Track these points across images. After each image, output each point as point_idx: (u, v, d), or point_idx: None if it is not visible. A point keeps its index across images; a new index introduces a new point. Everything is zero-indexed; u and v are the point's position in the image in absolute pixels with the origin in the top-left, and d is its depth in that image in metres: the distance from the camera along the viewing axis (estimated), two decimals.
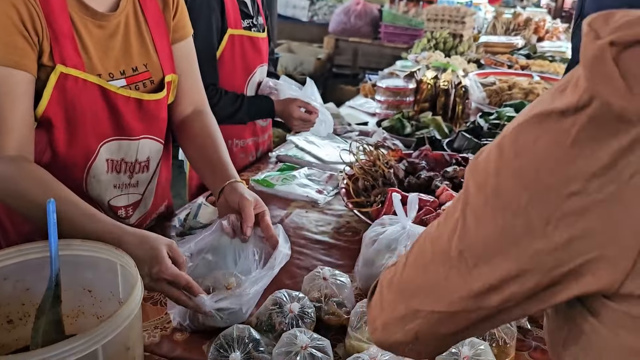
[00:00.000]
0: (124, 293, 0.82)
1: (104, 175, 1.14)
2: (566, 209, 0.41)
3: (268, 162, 1.85)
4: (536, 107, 0.44)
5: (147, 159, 1.21)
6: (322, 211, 1.49)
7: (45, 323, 0.77)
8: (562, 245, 0.42)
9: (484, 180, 0.47)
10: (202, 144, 1.23)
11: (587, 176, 0.40)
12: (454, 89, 2.27)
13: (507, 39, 4.20)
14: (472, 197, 0.48)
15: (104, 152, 1.12)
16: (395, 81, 2.40)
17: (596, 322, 0.45)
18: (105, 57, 1.08)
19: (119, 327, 0.66)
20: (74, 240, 0.83)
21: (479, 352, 0.82)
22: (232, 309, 0.93)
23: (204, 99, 1.33)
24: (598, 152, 0.39)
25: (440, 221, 0.54)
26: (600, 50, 0.39)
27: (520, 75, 3.02)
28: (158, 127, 1.21)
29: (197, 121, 1.28)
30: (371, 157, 1.52)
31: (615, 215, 0.40)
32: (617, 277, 0.41)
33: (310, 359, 0.83)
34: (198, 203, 1.38)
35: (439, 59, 3.34)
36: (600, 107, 0.39)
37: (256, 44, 1.72)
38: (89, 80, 1.04)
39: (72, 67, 1.01)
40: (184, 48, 1.25)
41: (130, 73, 1.12)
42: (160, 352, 0.93)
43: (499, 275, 0.47)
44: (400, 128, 2.03)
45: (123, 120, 1.12)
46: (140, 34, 1.14)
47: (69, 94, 1.02)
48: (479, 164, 0.49)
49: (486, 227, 0.47)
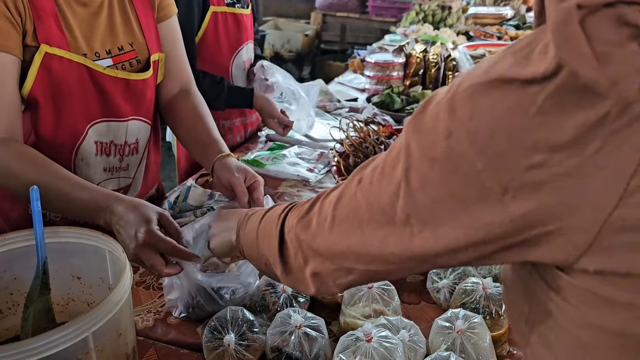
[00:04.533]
0: (113, 279, 0.81)
1: (93, 157, 1.13)
2: (526, 179, 0.39)
3: (258, 141, 1.83)
4: (495, 69, 0.40)
5: (136, 141, 1.20)
6: (314, 189, 1.48)
7: (35, 312, 0.76)
8: (519, 217, 0.40)
9: (432, 141, 0.43)
10: (192, 123, 1.23)
11: (550, 148, 0.37)
12: (443, 62, 2.24)
13: (496, 10, 4.15)
14: (417, 160, 0.45)
15: (93, 134, 1.11)
16: (384, 56, 2.37)
17: (558, 299, 0.44)
18: (91, 36, 1.06)
19: (109, 314, 0.65)
20: (61, 227, 0.81)
21: (473, 324, 0.82)
22: (236, 290, 0.93)
23: (191, 78, 1.31)
24: (564, 124, 0.37)
25: (375, 177, 0.50)
26: (566, 13, 0.36)
27: None
28: (145, 107, 1.19)
29: (185, 101, 1.26)
30: (361, 133, 1.50)
31: (576, 190, 0.38)
32: (573, 253, 0.40)
33: (305, 338, 0.83)
34: (187, 185, 1.37)
35: (428, 32, 3.30)
36: (568, 77, 0.36)
37: (240, 21, 1.68)
38: (74, 60, 1.02)
39: (56, 46, 0.99)
40: (169, 27, 1.23)
41: (116, 52, 1.10)
42: (154, 336, 0.93)
43: (445, 243, 0.44)
44: (391, 103, 2.01)
45: (111, 101, 1.10)
46: (125, 12, 1.12)
47: (55, 74, 1.01)
48: (423, 123, 0.45)
49: (434, 192, 0.44)
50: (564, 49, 0.36)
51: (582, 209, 0.38)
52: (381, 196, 0.48)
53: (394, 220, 0.47)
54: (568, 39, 0.36)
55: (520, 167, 0.39)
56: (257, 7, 1.91)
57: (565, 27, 0.36)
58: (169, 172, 3.44)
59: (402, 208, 0.46)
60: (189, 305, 0.94)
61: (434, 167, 0.43)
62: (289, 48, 5.51)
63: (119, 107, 1.12)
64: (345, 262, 0.54)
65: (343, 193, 0.54)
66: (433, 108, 0.44)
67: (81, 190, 0.92)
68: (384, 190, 0.48)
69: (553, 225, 0.39)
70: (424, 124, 0.45)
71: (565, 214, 0.39)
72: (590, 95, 0.36)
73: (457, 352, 0.80)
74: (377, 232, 0.49)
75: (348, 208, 0.53)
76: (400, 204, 0.46)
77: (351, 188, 0.53)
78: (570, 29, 0.35)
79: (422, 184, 0.44)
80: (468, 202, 0.42)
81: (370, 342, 0.76)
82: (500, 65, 0.40)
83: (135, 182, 1.26)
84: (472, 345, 0.80)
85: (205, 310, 0.94)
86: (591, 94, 0.36)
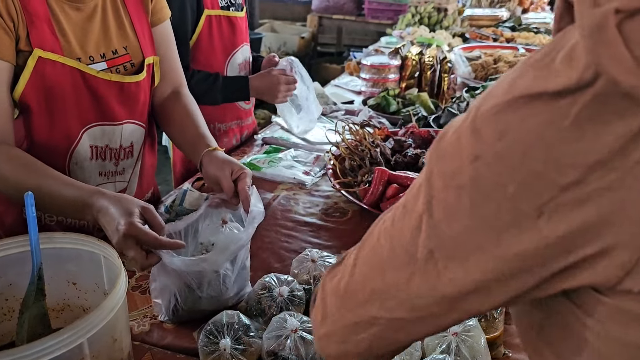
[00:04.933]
0: (109, 284, 0.81)
1: (87, 162, 1.13)
2: (562, 199, 0.36)
3: (254, 144, 1.83)
4: (517, 86, 0.38)
5: (130, 144, 1.21)
6: (310, 193, 1.49)
7: (30, 318, 0.76)
8: (555, 241, 0.37)
9: (456, 168, 0.40)
10: (182, 123, 1.24)
11: (588, 163, 0.35)
12: (439, 64, 2.25)
13: (492, 12, 4.17)
14: (440, 190, 0.42)
15: (87, 138, 1.11)
16: (380, 58, 2.38)
17: (582, 314, 0.41)
18: (85, 40, 1.07)
19: (104, 319, 0.65)
20: (56, 233, 0.81)
21: (468, 327, 0.82)
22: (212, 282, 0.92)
23: (183, 80, 1.33)
24: (602, 136, 0.34)
25: (397, 216, 0.47)
26: (602, 18, 0.33)
27: (506, 48, 3.00)
28: (139, 110, 1.20)
29: (176, 102, 1.28)
30: (357, 136, 1.51)
31: (617, 205, 0.35)
32: (617, 273, 0.37)
33: (301, 341, 0.83)
34: (184, 189, 1.36)
35: (424, 34, 3.31)
36: (606, 85, 0.33)
37: (235, 24, 1.69)
38: (68, 64, 1.03)
39: (49, 50, 1.00)
40: (162, 31, 1.25)
41: (110, 56, 1.11)
42: (150, 341, 0.93)
43: (474, 278, 0.41)
44: (386, 106, 2.02)
45: (105, 105, 1.11)
46: (118, 16, 1.13)
47: (48, 78, 1.01)
48: (443, 150, 0.42)
49: (461, 222, 0.40)
50: (600, 55, 0.34)
51: (624, 224, 0.36)
52: (402, 233, 0.45)
53: (416, 256, 0.44)
54: (605, 45, 0.33)
55: (556, 187, 0.36)
56: (254, 9, 1.92)
57: (601, 32, 0.33)
58: (165, 176, 3.43)
59: (424, 243, 0.43)
60: (169, 301, 0.93)
61: (461, 196, 0.40)
62: (285, 50, 5.51)
63: (113, 111, 1.13)
64: (367, 311, 0.49)
65: (366, 238, 0.51)
66: (452, 134, 0.42)
67: (68, 188, 0.93)
68: (406, 226, 0.45)
69: (594, 246, 0.37)
70: (445, 152, 0.42)
71: (606, 232, 0.36)
72: (630, 103, 0.33)
73: (453, 355, 0.80)
74: (400, 273, 0.45)
75: (371, 250, 0.50)
76: (422, 239, 0.43)
77: (374, 230, 0.50)
78: (607, 34, 0.33)
79: (446, 214, 0.41)
80: (499, 230, 0.39)
81: None
82: (522, 80, 0.38)
83: (130, 185, 1.26)
84: (468, 348, 0.80)
85: (186, 308, 0.93)
86: (632, 101, 0.33)
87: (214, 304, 0.95)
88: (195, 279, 0.91)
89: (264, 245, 1.22)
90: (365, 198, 1.31)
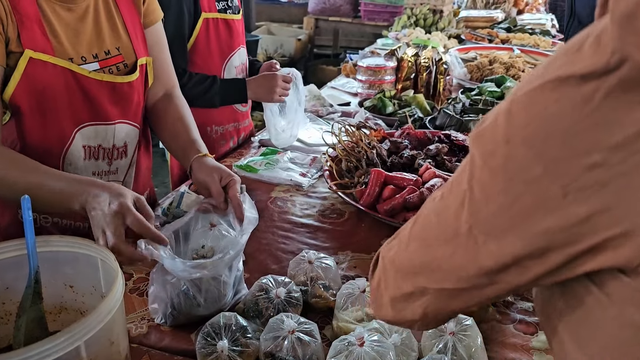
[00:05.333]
0: (106, 287, 0.81)
1: (81, 162, 1.13)
2: (585, 181, 0.38)
3: (250, 146, 1.83)
4: (549, 71, 0.40)
5: (124, 144, 1.21)
6: (307, 194, 1.49)
7: (27, 321, 0.76)
8: (581, 220, 0.39)
9: (492, 149, 0.43)
10: (173, 126, 1.24)
11: (611, 146, 0.36)
12: (434, 65, 2.26)
13: (487, 13, 4.18)
14: (479, 169, 0.44)
15: (80, 138, 1.11)
16: (376, 60, 2.39)
17: (602, 296, 0.43)
18: (77, 40, 1.07)
19: (101, 322, 0.65)
20: (52, 236, 0.81)
21: (465, 327, 0.83)
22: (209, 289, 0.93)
23: (175, 82, 1.33)
24: (625, 119, 0.35)
25: (445, 192, 0.50)
26: (635, 6, 0.34)
27: (501, 49, 3.02)
28: (132, 110, 1.20)
29: (168, 104, 1.28)
30: (354, 138, 1.51)
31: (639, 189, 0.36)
32: (638, 255, 0.38)
33: (298, 343, 0.83)
34: (181, 191, 1.37)
35: (420, 36, 3.32)
36: (632, 71, 0.35)
37: (232, 27, 1.69)
38: (59, 65, 1.03)
39: (40, 51, 1.00)
40: (155, 32, 1.25)
41: (103, 56, 1.11)
42: (148, 343, 0.93)
43: (509, 252, 0.43)
44: (382, 107, 2.02)
45: (97, 105, 1.11)
46: (111, 17, 1.13)
47: (39, 79, 1.01)
48: (484, 131, 0.45)
49: (495, 201, 0.43)
50: (627, 42, 0.35)
51: None
52: (449, 209, 0.48)
53: (459, 232, 0.47)
54: (633, 33, 0.34)
55: (579, 168, 0.38)
56: (249, 12, 1.94)
57: (631, 20, 0.35)
58: (162, 178, 3.43)
59: (466, 219, 0.46)
60: (167, 307, 0.94)
61: (495, 176, 0.43)
62: (282, 53, 5.52)
63: (106, 111, 1.13)
64: (418, 281, 0.53)
65: (421, 211, 0.54)
66: (493, 116, 0.44)
67: (56, 180, 0.93)
68: (452, 203, 0.48)
69: (618, 227, 0.38)
70: (485, 133, 0.45)
71: (630, 214, 0.37)
72: None
73: (449, 355, 0.80)
74: (445, 246, 0.49)
75: (422, 224, 0.53)
76: (464, 216, 0.46)
77: (427, 205, 0.54)
78: (637, 23, 0.34)
79: (484, 193, 0.44)
80: (529, 210, 0.41)
81: (363, 347, 0.77)
82: (553, 65, 0.40)
83: (125, 186, 1.26)
84: (464, 347, 0.80)
85: (182, 312, 0.93)
86: None
87: (211, 309, 0.95)
88: (194, 286, 0.92)
89: (261, 246, 1.22)
90: (361, 199, 1.31)
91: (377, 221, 1.31)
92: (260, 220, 1.28)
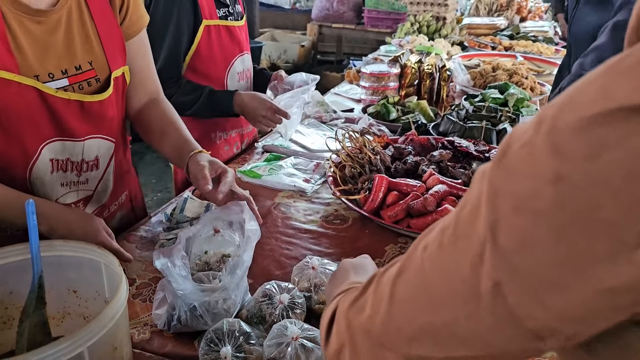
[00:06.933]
0: (109, 292, 0.81)
1: (48, 175, 1.08)
2: None
3: (254, 152, 1.83)
4: (611, 96, 0.33)
5: (95, 158, 1.16)
6: (310, 200, 1.49)
7: (30, 326, 0.76)
8: None
9: (532, 190, 0.35)
10: (162, 130, 1.24)
11: None
12: (438, 72, 2.26)
13: (490, 20, 4.19)
14: (509, 213, 0.36)
15: (47, 153, 1.06)
16: (380, 66, 2.39)
17: None
18: (45, 56, 1.00)
19: (104, 328, 0.65)
20: (56, 240, 0.81)
21: None
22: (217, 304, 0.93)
23: (159, 87, 1.31)
24: None
25: (445, 240, 0.42)
26: None
27: (504, 56, 3.02)
28: (106, 126, 1.15)
29: (154, 109, 1.27)
30: (357, 144, 1.51)
31: None
32: None
33: (301, 349, 0.83)
34: (184, 197, 1.37)
35: (423, 42, 3.33)
36: None
37: (234, 33, 1.70)
38: (23, 83, 0.97)
39: (2, 69, 0.93)
40: (139, 41, 1.21)
41: (73, 72, 1.05)
42: (150, 349, 0.92)
43: (554, 314, 0.36)
44: (386, 113, 2.02)
45: (64, 122, 1.05)
46: (84, 29, 1.07)
47: (2, 97, 0.95)
48: (510, 168, 0.37)
49: (538, 252, 0.35)
50: None
51: None
52: (457, 262, 0.40)
53: (479, 290, 0.38)
54: None
55: None
56: (253, 18, 1.93)
57: None
58: (165, 184, 3.44)
59: (488, 274, 0.38)
60: (172, 318, 0.93)
61: (538, 222, 0.35)
62: (286, 59, 5.54)
63: (73, 128, 1.07)
64: (415, 350, 0.44)
65: (405, 265, 0.46)
66: (521, 149, 0.37)
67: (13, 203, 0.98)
68: (461, 253, 0.40)
69: None
70: (514, 169, 0.37)
71: None
72: None
73: None
74: (458, 308, 0.40)
75: (415, 281, 0.44)
76: (485, 270, 0.38)
77: (415, 258, 0.44)
78: None
79: (519, 242, 0.36)
80: (589, 262, 0.34)
81: None
82: (618, 90, 0.33)
83: (99, 194, 1.22)
84: None
85: (187, 326, 0.93)
86: None
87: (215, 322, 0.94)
88: (202, 306, 0.92)
89: (264, 252, 1.22)
90: (365, 205, 1.31)
91: (380, 227, 1.31)
92: (263, 226, 1.29)
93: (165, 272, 0.88)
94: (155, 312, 0.96)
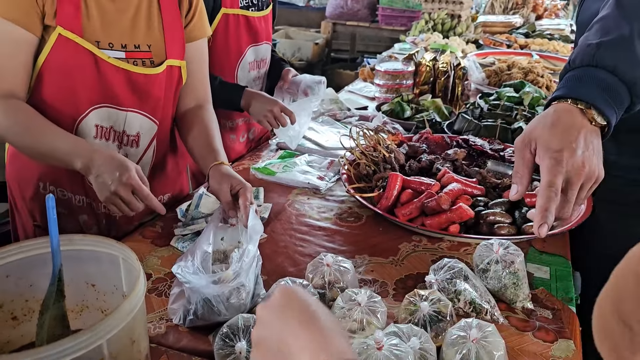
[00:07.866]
0: (127, 286, 0.82)
1: (91, 139, 1.20)
2: None
3: (268, 149, 1.84)
4: None
5: (136, 134, 1.26)
6: (324, 197, 1.49)
7: (50, 319, 0.77)
8: None
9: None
10: (198, 134, 1.30)
11: None
12: (453, 70, 2.25)
13: (506, 18, 4.15)
14: None
15: (94, 117, 1.19)
16: (394, 64, 2.38)
17: None
18: (110, 28, 1.15)
19: (123, 321, 0.66)
20: (75, 235, 0.82)
21: (487, 334, 0.82)
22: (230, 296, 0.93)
23: (208, 96, 1.39)
24: None
25: None
26: None
27: (520, 55, 2.99)
28: (150, 104, 1.25)
29: (197, 114, 1.35)
30: (371, 141, 1.51)
31: None
32: None
33: None
34: (199, 193, 1.38)
35: (438, 40, 3.31)
36: None
37: (252, 24, 1.69)
38: (83, 46, 1.12)
39: (70, 30, 1.09)
40: (196, 48, 1.32)
41: (131, 49, 1.19)
42: (166, 343, 0.93)
43: None
44: (400, 111, 2.02)
45: (110, 89, 1.18)
46: (151, 17, 1.21)
47: (64, 54, 1.11)
48: None
49: None
50: None
51: None
52: None
53: None
54: None
55: None
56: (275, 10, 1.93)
57: None
58: None
59: None
60: (188, 312, 0.94)
61: None
62: (300, 57, 5.54)
63: (118, 96, 1.19)
64: None
65: None
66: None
67: (63, 140, 1.09)
68: None
69: None
70: None
71: None
72: None
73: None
74: None
75: None
76: None
77: None
78: None
79: None
80: None
81: (381, 350, 0.76)
82: None
83: None
84: (487, 354, 0.79)
85: (202, 319, 0.93)
86: None
87: (231, 317, 0.95)
88: (217, 296, 0.92)
89: (278, 249, 1.22)
90: (379, 203, 1.31)
91: (394, 225, 1.31)
92: (277, 223, 1.30)
93: (178, 275, 0.89)
94: (171, 306, 0.97)
